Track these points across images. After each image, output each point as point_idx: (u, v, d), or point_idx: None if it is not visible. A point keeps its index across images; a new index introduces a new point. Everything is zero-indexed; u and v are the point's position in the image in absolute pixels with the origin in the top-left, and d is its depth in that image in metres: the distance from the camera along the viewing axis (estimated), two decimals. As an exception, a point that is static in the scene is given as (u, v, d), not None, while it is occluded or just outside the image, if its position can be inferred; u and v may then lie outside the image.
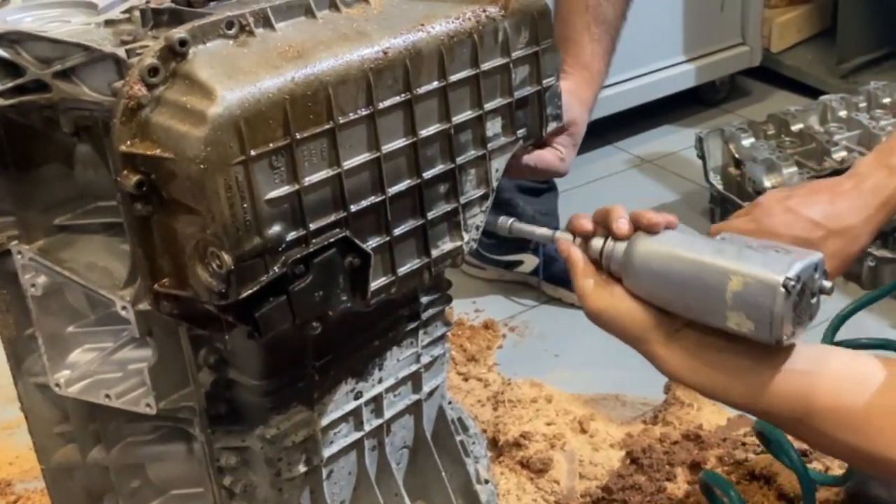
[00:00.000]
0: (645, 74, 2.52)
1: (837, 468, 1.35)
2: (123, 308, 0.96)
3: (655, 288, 0.84)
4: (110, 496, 1.14)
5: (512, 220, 1.01)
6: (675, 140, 2.53)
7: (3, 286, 1.06)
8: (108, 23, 0.92)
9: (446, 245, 0.97)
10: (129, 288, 0.96)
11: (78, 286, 1.01)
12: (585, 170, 2.40)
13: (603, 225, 0.90)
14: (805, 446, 1.27)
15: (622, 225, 0.87)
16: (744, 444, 1.37)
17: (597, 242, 0.90)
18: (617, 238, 0.88)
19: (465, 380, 1.59)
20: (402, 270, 0.92)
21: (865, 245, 0.98)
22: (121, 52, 0.88)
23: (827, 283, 0.80)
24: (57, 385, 1.05)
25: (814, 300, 0.80)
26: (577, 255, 0.90)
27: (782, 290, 0.76)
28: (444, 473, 1.19)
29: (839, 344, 1.12)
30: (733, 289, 0.78)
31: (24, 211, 1.01)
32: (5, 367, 1.49)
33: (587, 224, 0.90)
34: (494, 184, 1.00)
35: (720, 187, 2.11)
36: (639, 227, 0.87)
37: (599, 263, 0.90)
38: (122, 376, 1.04)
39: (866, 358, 0.80)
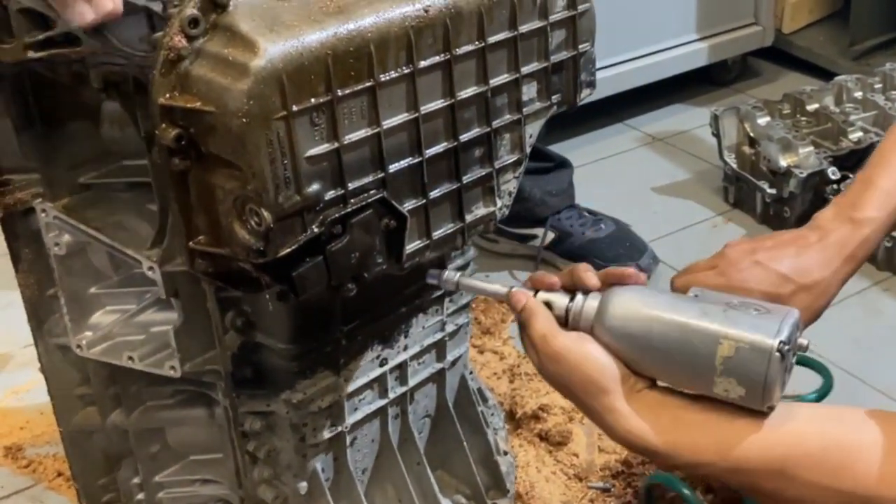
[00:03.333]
0: (657, 52, 2.49)
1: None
2: (150, 268, 0.94)
3: (633, 350, 0.79)
4: (129, 460, 1.13)
5: (459, 274, 0.94)
6: (685, 119, 2.51)
7: (26, 245, 1.05)
8: (140, -23, 0.90)
9: (480, 210, 0.95)
10: (156, 248, 0.95)
11: (102, 246, 0.99)
12: (596, 147, 2.39)
13: (569, 282, 0.86)
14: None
15: (592, 277, 0.84)
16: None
17: (561, 300, 0.85)
18: (589, 290, 0.84)
19: (481, 352, 1.57)
20: (436, 234, 0.91)
21: (832, 298, 0.98)
22: (154, 5, 0.87)
23: (804, 341, 0.78)
24: (78, 346, 1.04)
25: (794, 359, 0.78)
26: (535, 301, 0.85)
27: (777, 354, 0.73)
28: (465, 443, 1.18)
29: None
30: (723, 353, 0.75)
31: (49, 168, 1.00)
32: (15, 333, 1.49)
33: (552, 279, 0.86)
34: (528, 149, 0.98)
35: (734, 166, 2.09)
36: (609, 280, 0.84)
37: (562, 322, 0.84)
38: (145, 338, 1.03)
39: (823, 407, 0.79)
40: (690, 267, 1.01)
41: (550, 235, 1.88)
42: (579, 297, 0.84)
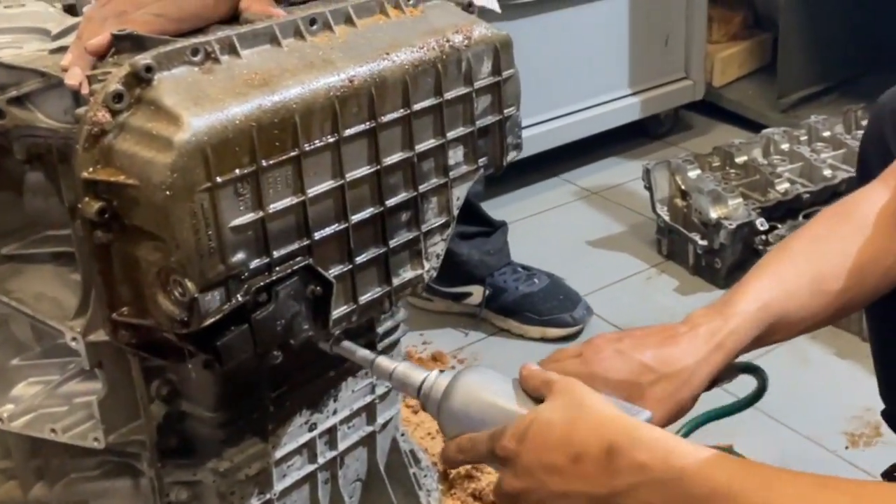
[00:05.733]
0: (591, 107, 2.54)
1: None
2: (73, 339, 0.93)
3: (461, 428, 0.88)
4: (53, 534, 1.10)
5: (332, 339, 0.95)
6: (620, 172, 2.55)
7: (-54, 316, 1.02)
8: (63, 49, 0.90)
9: (407, 273, 0.96)
10: (80, 319, 0.93)
11: (24, 317, 0.98)
12: (532, 201, 2.42)
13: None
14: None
15: None
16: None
17: (418, 374, 0.92)
18: None
19: (415, 412, 1.57)
20: (363, 299, 0.91)
21: (698, 390, 0.93)
22: (78, 76, 0.86)
23: None
24: (0, 420, 1.01)
25: None
26: None
27: None
28: (398, 506, 1.17)
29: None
30: None
31: (-29, 239, 0.98)
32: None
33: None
34: (455, 212, 0.99)
35: (667, 218, 2.13)
36: None
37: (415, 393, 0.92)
38: (68, 410, 1.00)
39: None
40: (557, 354, 0.98)
41: (483, 292, 1.89)
42: (432, 374, 0.91)
